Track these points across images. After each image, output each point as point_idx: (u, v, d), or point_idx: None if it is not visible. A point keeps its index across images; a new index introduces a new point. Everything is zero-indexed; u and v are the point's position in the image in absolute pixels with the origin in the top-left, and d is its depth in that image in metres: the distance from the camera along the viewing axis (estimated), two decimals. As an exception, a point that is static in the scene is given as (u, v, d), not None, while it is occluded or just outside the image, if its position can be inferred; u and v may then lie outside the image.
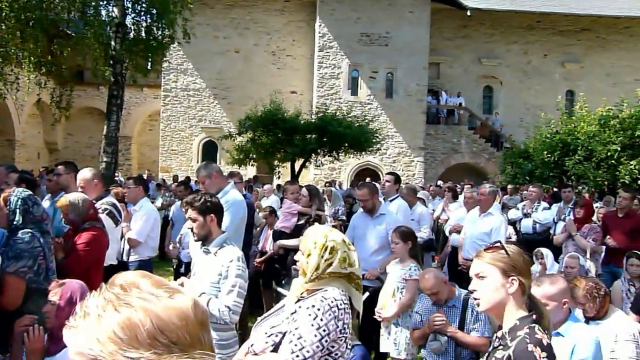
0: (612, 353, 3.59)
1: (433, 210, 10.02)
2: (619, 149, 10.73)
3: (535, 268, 6.65)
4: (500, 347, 1.96)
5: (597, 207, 8.64)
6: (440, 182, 15.89)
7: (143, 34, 13.96)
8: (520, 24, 25.06)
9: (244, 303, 3.30)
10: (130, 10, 13.92)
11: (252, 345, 2.30)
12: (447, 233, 7.53)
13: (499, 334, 2.01)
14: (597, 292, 3.69)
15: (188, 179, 16.00)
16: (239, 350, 2.54)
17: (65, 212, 3.93)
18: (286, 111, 17.23)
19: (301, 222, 6.42)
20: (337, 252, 2.30)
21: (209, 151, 23.07)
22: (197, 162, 23.14)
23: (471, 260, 5.55)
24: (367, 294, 4.89)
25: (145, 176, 16.85)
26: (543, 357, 1.86)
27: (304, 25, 24.27)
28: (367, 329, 5.03)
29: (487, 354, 2.07)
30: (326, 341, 2.18)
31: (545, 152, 12.11)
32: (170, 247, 6.70)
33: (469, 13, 23.04)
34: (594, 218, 7.45)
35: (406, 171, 22.45)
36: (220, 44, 24.04)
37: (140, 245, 5.59)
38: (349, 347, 2.33)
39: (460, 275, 6.41)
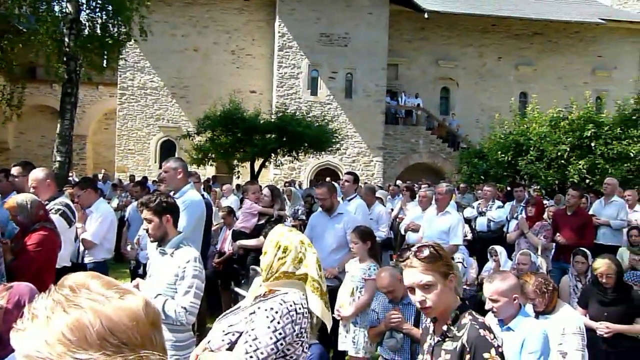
0: (560, 345, 3.72)
1: (392, 209, 10.17)
2: (568, 149, 11.13)
3: (490, 265, 6.86)
4: (448, 339, 2.01)
5: (547, 206, 8.95)
6: (399, 182, 16.10)
7: (98, 30, 13.60)
8: (476, 27, 25.65)
9: (202, 304, 3.29)
10: (84, 6, 13.56)
11: (209, 342, 2.31)
12: (402, 232, 7.65)
13: (444, 327, 2.05)
14: (546, 287, 3.82)
15: (145, 179, 15.72)
16: (197, 346, 2.54)
17: (14, 214, 3.83)
18: (245, 111, 17.15)
19: (261, 222, 6.41)
20: (290, 252, 2.32)
21: (167, 151, 22.70)
22: (155, 162, 22.78)
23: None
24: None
25: (100, 176, 16.47)
26: (492, 338, 1.97)
27: (263, 25, 24.18)
28: (326, 328, 5.07)
29: (429, 349, 2.10)
30: (282, 344, 2.19)
31: (499, 152, 12.45)
32: (128, 248, 6.58)
33: (426, 16, 23.43)
34: (545, 216, 7.70)
35: (365, 171, 22.67)
36: (179, 42, 23.70)
37: (95, 246, 5.47)
38: (306, 349, 2.34)
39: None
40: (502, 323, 3.33)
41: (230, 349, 2.26)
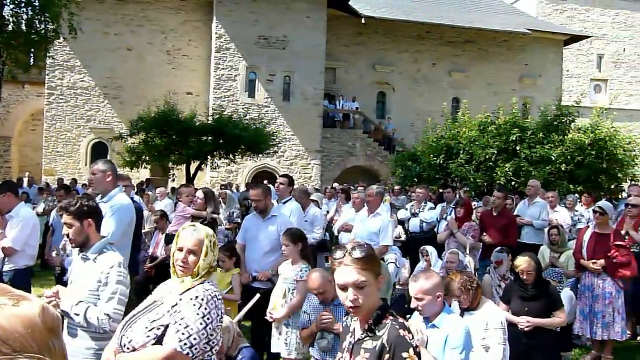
0: (484, 340, 3.87)
1: (328, 211, 10.28)
2: (495, 152, 11.63)
3: (421, 265, 7.04)
4: (369, 338, 2.05)
5: (476, 207, 9.29)
6: (336, 185, 16.27)
7: (24, 27, 12.97)
8: (412, 34, 26.30)
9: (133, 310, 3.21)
10: (8, 1, 12.89)
11: (130, 342, 2.30)
12: (336, 233, 7.75)
13: (366, 326, 2.08)
14: (470, 285, 3.98)
15: (75, 182, 15.13)
16: (105, 349, 2.52)
17: None
18: (181, 112, 16.83)
19: (194, 225, 6.32)
20: (216, 248, 2.53)
21: (99, 153, 21.87)
22: (86, 165, 21.94)
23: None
24: (258, 295, 4.94)
25: (25, 180, 15.71)
26: (410, 339, 2.02)
27: (201, 26, 23.83)
28: (260, 331, 5.06)
29: (349, 347, 2.14)
30: (210, 329, 2.32)
31: (432, 156, 12.83)
32: (53, 254, 6.30)
33: (363, 21, 23.82)
34: (474, 217, 7.99)
35: (303, 174, 22.76)
36: (112, 42, 22.96)
37: (17, 253, 5.21)
38: (222, 336, 2.53)
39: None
40: (428, 321, 3.43)
41: (157, 343, 2.30)
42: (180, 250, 2.44)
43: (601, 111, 12.92)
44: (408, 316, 3.93)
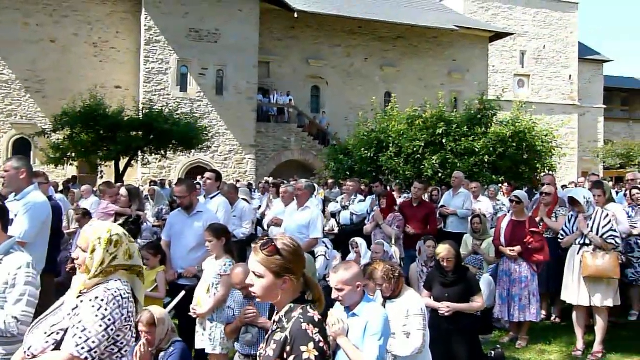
0: (405, 327, 3.99)
1: (260, 206, 10.27)
2: (422, 145, 11.99)
3: (352, 257, 7.16)
4: (278, 329, 2.10)
5: (407, 199, 9.54)
6: (269, 179, 16.25)
7: None
8: (344, 29, 26.58)
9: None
10: None
11: (29, 348, 2.22)
12: (265, 227, 7.76)
13: (276, 317, 2.14)
14: (392, 273, 4.07)
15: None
16: (15, 354, 2.43)
17: None
18: (108, 107, 16.29)
19: (119, 222, 6.16)
20: (121, 245, 2.38)
21: (21, 150, 20.81)
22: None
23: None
24: (183, 292, 4.89)
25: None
26: (315, 333, 2.04)
27: (129, 17, 23.11)
28: (187, 327, 5.00)
29: (266, 337, 2.19)
30: (112, 330, 2.24)
31: (363, 149, 13.05)
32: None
33: (296, 15, 23.83)
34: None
35: (238, 168, 22.59)
36: (33, 32, 21.86)
37: None
38: (134, 334, 2.42)
39: (281, 268, 6.64)
40: (348, 310, 3.51)
41: (57, 348, 2.23)
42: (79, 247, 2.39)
43: (520, 105, 13.57)
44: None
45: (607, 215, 5.74)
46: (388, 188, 10.75)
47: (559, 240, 6.05)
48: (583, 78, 37.00)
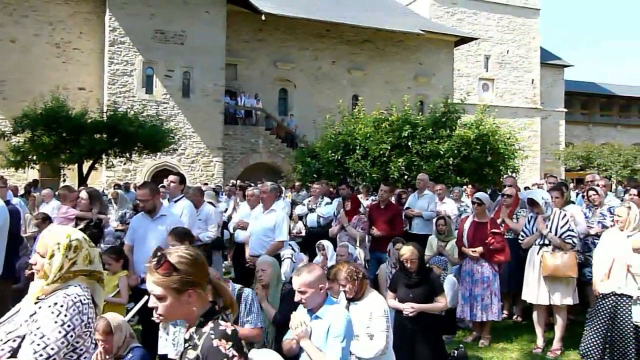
0: (368, 329, 4.01)
1: (226, 209, 10.21)
2: (389, 148, 12.12)
3: (318, 259, 7.17)
4: (190, 347, 1.97)
5: (373, 200, 9.62)
6: (236, 182, 16.16)
7: None
8: (312, 32, 26.64)
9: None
10: None
11: None
12: (231, 230, 7.71)
13: (187, 335, 2.02)
14: (356, 275, 4.10)
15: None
16: None
17: None
18: (71, 108, 15.94)
19: (80, 226, 6.05)
20: (80, 251, 2.34)
21: (-21, 153, 20.20)
22: (-37, 166, 20.15)
23: (258, 257, 5.73)
24: (145, 297, 4.81)
25: None
26: (228, 348, 1.90)
27: (93, 18, 22.66)
28: (149, 334, 4.94)
29: (180, 354, 2.07)
30: (71, 336, 2.20)
31: (330, 152, 13.11)
32: None
33: (263, 17, 23.78)
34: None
35: (205, 171, 22.38)
36: (-9, 32, 21.24)
37: None
38: (94, 342, 2.37)
39: (247, 272, 6.62)
40: (311, 312, 3.52)
41: (13, 356, 2.18)
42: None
43: (484, 108, 13.85)
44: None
45: (565, 215, 5.91)
46: (355, 190, 10.83)
47: (520, 241, 6.20)
48: (545, 82, 37.97)
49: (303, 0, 26.69)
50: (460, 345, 5.73)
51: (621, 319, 4.81)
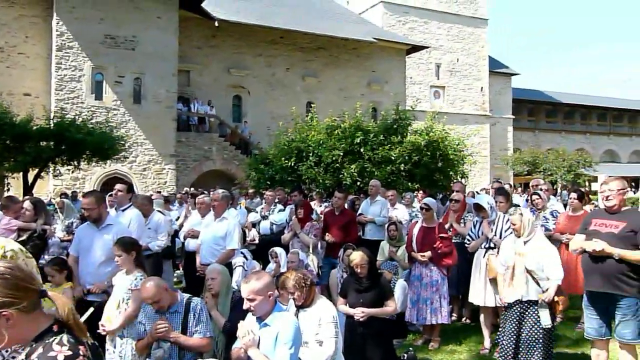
0: (317, 335, 4.04)
1: (178, 217, 10.06)
2: (341, 154, 12.22)
3: (271, 266, 7.16)
4: None
5: (327, 207, 9.66)
6: (189, 189, 15.95)
7: None
8: (266, 39, 26.61)
9: None
10: None
11: None
12: (181, 239, 7.62)
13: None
14: (304, 282, 4.12)
15: None
16: None
17: None
18: (16, 115, 15.38)
19: (22, 238, 5.85)
20: (15, 262, 2.30)
21: None
22: None
23: (208, 265, 5.68)
24: (91, 309, 4.70)
25: None
26: None
27: (39, 21, 21.96)
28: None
29: None
30: None
31: (283, 159, 13.11)
32: None
33: (217, 24, 23.62)
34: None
35: (157, 179, 21.97)
36: None
37: None
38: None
39: (198, 281, 6.54)
40: (260, 320, 3.53)
41: None
42: None
43: (434, 115, 14.15)
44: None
45: (509, 219, 6.10)
46: (309, 197, 10.85)
47: (466, 245, 6.37)
48: (493, 90, 39.14)
49: (257, 7, 26.65)
50: (410, 349, 5.83)
51: (530, 324, 4.83)
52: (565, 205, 8.81)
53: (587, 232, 4.63)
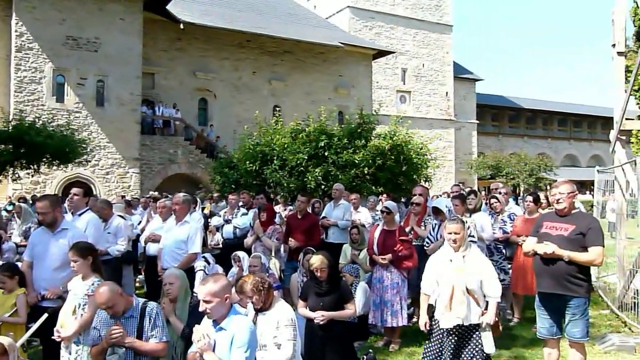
0: (275, 338, 4.05)
1: (140, 221, 9.92)
2: (306, 158, 12.26)
3: (234, 271, 7.13)
4: None
5: (291, 210, 9.67)
6: (154, 193, 15.73)
7: None
8: (232, 42, 26.50)
9: None
10: None
11: None
12: (143, 243, 7.52)
13: None
14: (262, 286, 4.12)
15: None
16: None
17: None
18: (-28, 118, 14.97)
19: (-25, 244, 5.70)
20: None
21: None
22: None
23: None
24: (45, 315, 4.61)
25: None
26: None
27: (-3, 22, 21.39)
28: (51, 353, 4.73)
29: None
30: None
31: (248, 162, 13.07)
32: None
33: (182, 26, 23.41)
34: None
35: (121, 183, 21.61)
36: None
37: None
38: None
39: (158, 285, 6.47)
40: (216, 324, 3.52)
41: None
42: None
43: (398, 119, 14.32)
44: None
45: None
46: (273, 201, 10.85)
47: (425, 248, 6.47)
48: (458, 95, 39.84)
49: (223, 10, 26.53)
50: (370, 351, 5.87)
51: (471, 352, 4.37)
52: (526, 209, 9.01)
53: (539, 235, 4.74)
